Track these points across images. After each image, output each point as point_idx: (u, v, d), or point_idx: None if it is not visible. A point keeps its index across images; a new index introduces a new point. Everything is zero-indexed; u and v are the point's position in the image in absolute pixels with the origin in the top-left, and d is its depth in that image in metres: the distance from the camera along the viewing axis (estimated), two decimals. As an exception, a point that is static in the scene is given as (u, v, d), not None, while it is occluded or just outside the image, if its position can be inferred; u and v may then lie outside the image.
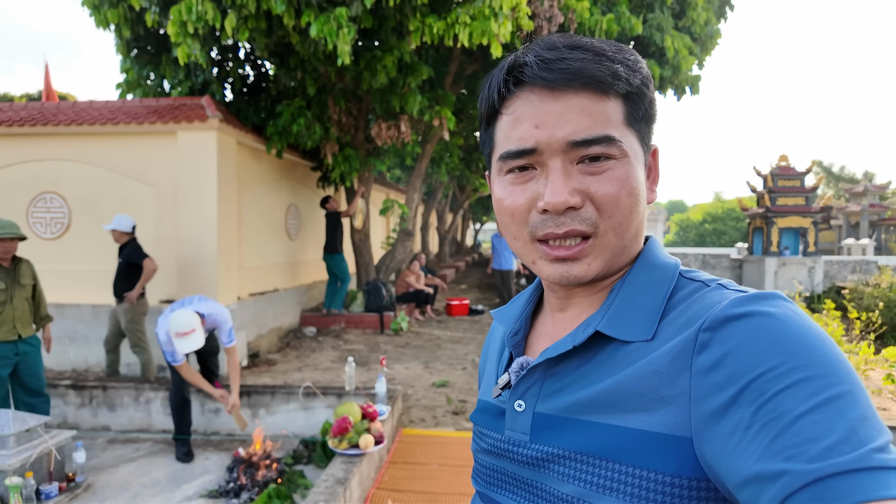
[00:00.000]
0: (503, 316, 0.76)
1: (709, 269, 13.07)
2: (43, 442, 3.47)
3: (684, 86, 7.47)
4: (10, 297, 3.97)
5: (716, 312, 0.53)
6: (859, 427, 0.42)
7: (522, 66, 0.59)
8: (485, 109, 0.64)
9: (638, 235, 0.63)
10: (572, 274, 0.60)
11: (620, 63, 0.59)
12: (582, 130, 0.57)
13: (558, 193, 0.57)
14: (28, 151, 6.12)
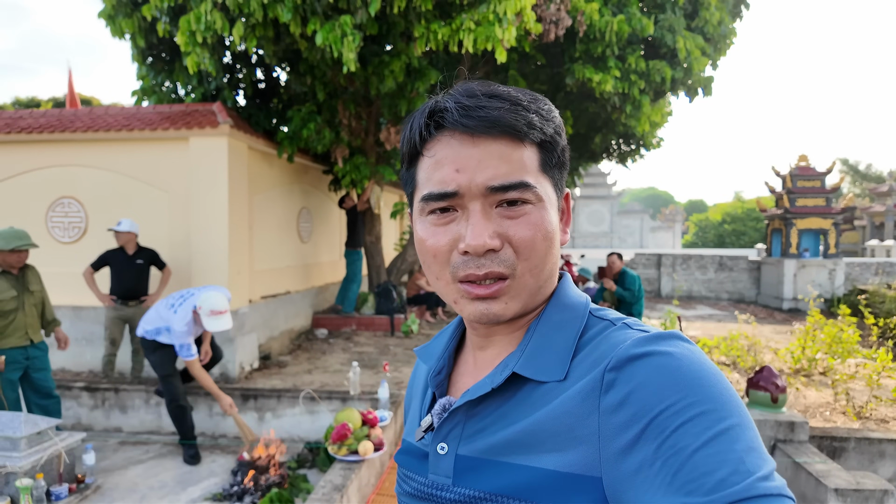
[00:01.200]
0: (426, 354, 0.77)
1: (726, 272, 12.87)
2: (53, 444, 3.57)
3: (697, 87, 7.37)
4: (22, 303, 4.09)
5: (620, 352, 0.56)
6: (746, 458, 0.47)
7: (443, 112, 0.62)
8: (406, 150, 0.66)
9: (552, 276, 0.67)
10: (491, 312, 0.62)
11: (535, 113, 0.63)
12: (500, 176, 0.60)
13: (479, 236, 0.60)
14: (47, 157, 6.28)
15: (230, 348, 5.85)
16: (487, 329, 0.68)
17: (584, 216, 32.28)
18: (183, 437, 4.33)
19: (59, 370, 6.06)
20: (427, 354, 0.77)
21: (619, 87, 7.01)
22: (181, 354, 4.13)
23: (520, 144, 0.62)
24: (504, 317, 0.63)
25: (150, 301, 5.42)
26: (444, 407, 0.67)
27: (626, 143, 11.18)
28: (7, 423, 3.48)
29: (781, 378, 3.03)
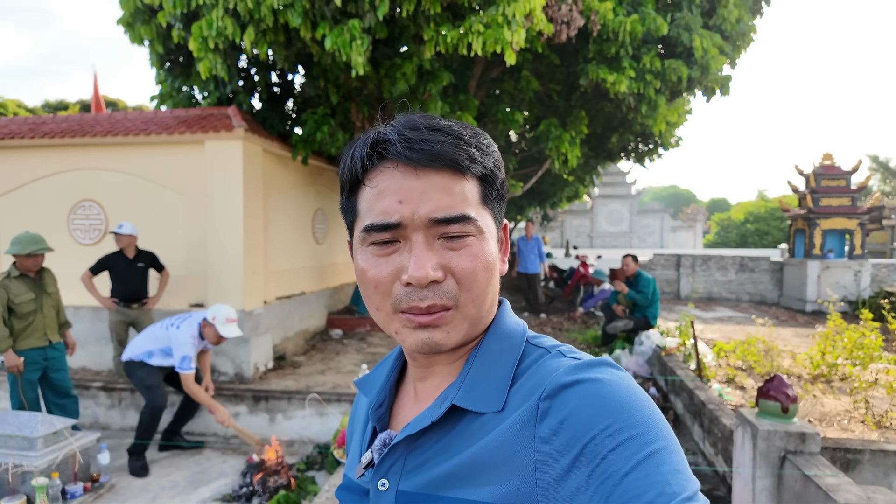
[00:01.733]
0: (367, 386, 0.77)
1: (747, 273, 12.63)
2: (69, 444, 3.66)
3: (714, 87, 7.23)
4: (40, 305, 4.20)
5: (552, 381, 0.58)
6: (672, 479, 0.49)
7: (386, 143, 0.62)
8: (347, 178, 0.66)
9: (493, 305, 0.68)
10: (433, 341, 0.62)
11: (476, 147, 0.64)
12: (443, 208, 0.61)
13: (422, 268, 0.60)
14: (69, 161, 6.43)
15: (245, 348, 5.94)
16: (427, 359, 0.68)
17: (603, 216, 31.93)
18: (140, 437, 4.24)
19: (79, 369, 6.21)
20: (367, 386, 0.77)
21: (634, 88, 6.91)
22: (181, 367, 4.15)
23: (461, 177, 0.62)
24: (446, 346, 0.63)
25: (151, 303, 5.50)
26: (384, 442, 0.67)
27: (644, 142, 11.03)
28: (24, 423, 3.58)
29: (793, 388, 2.96)
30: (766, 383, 3.00)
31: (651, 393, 5.41)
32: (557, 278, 12.26)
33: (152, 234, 6.15)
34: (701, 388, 4.53)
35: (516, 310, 10.46)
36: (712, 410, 3.98)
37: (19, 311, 4.14)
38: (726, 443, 3.63)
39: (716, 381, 5.11)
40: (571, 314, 9.63)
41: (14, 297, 4.11)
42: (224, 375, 5.90)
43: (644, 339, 6.18)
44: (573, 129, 8.86)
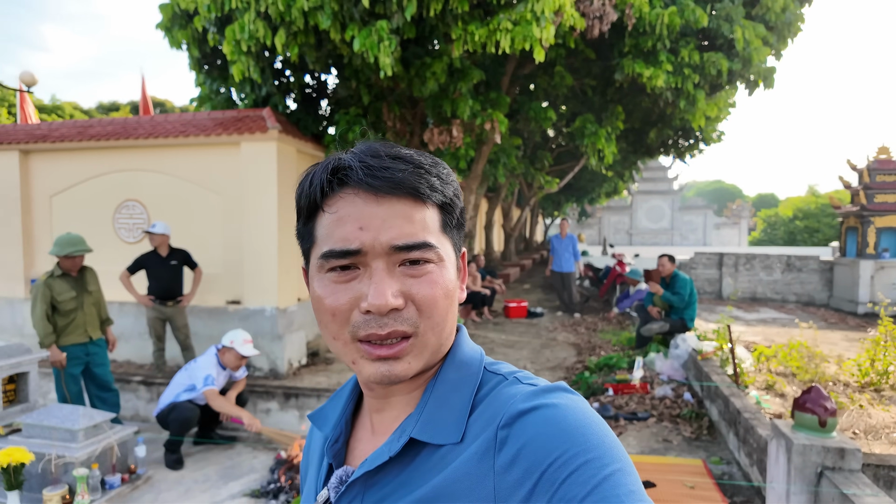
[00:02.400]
0: (321, 420, 0.75)
1: (794, 273, 12.10)
2: (107, 437, 3.81)
3: (757, 80, 6.92)
4: (81, 303, 4.39)
5: (509, 409, 0.59)
6: (627, 501, 0.50)
7: (347, 170, 0.62)
8: (305, 204, 0.65)
9: (452, 333, 0.67)
10: (393, 373, 0.61)
11: (436, 176, 0.64)
12: (404, 236, 0.61)
13: (382, 295, 0.59)
14: (114, 162, 6.69)
15: (279, 345, 6.07)
16: (384, 390, 0.67)
17: (643, 212, 31.11)
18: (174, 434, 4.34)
19: (124, 362, 6.48)
20: (322, 420, 0.75)
21: (672, 82, 6.69)
22: (204, 384, 4.28)
23: (422, 205, 0.63)
24: (406, 377, 0.62)
25: (185, 301, 5.64)
26: (341, 479, 0.66)
27: (684, 137, 10.70)
28: (67, 416, 3.75)
29: (832, 400, 2.80)
30: (802, 394, 2.85)
31: (685, 398, 5.25)
32: (593, 277, 12.04)
33: (191, 232, 6.35)
34: (737, 395, 4.36)
35: (550, 309, 10.33)
36: (748, 419, 3.83)
37: (62, 309, 4.35)
38: (762, 454, 3.48)
39: (754, 387, 4.91)
40: (606, 314, 9.44)
41: (57, 295, 4.32)
42: (259, 371, 6.04)
43: (680, 343, 5.99)
44: (609, 125, 8.67)
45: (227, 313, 6.25)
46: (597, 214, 32.35)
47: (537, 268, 18.63)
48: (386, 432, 0.67)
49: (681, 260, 12.58)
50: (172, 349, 6.11)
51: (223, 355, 4.48)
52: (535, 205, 22.72)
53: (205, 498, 3.80)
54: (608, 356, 6.47)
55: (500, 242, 19.95)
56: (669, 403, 5.21)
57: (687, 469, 4.01)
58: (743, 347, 6.31)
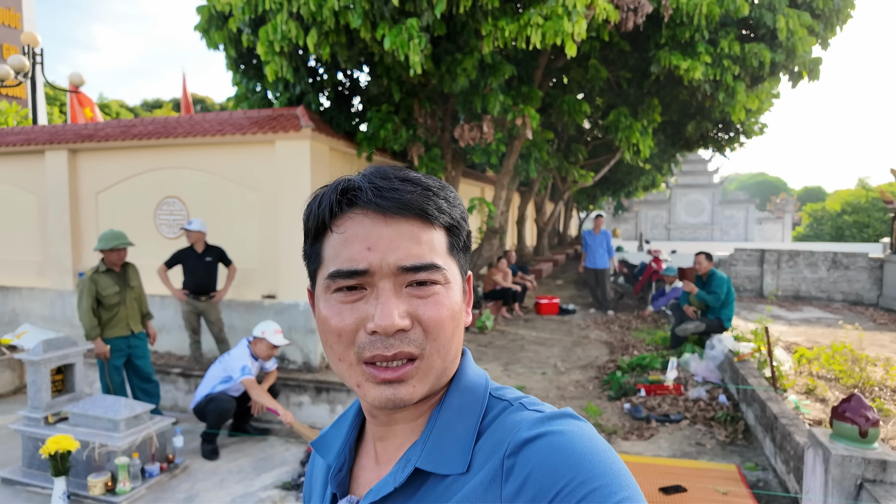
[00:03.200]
0: (324, 448, 0.75)
1: (841, 270, 11.60)
2: (147, 427, 3.97)
3: (801, 71, 6.62)
4: (124, 298, 4.58)
5: (515, 437, 0.58)
6: None
7: (357, 190, 0.62)
8: (313, 224, 0.65)
9: (457, 357, 0.67)
10: (398, 396, 0.61)
11: (444, 199, 0.65)
12: (412, 257, 0.61)
13: (389, 315, 0.59)
14: (155, 160, 6.92)
15: (313, 339, 6.19)
16: (388, 416, 0.66)
17: (682, 206, 30.28)
18: (210, 427, 4.49)
19: (165, 353, 6.72)
20: (325, 448, 0.75)
21: (711, 74, 6.48)
22: (242, 374, 4.40)
23: (430, 227, 0.63)
24: (411, 401, 0.61)
25: (218, 296, 5.80)
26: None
27: (724, 130, 10.36)
28: (109, 407, 3.92)
29: (874, 409, 2.69)
30: (841, 403, 2.74)
31: (720, 401, 5.12)
32: (628, 273, 11.83)
33: (228, 228, 6.52)
34: (774, 399, 4.22)
35: (582, 306, 10.21)
36: (785, 425, 3.71)
37: (106, 303, 4.54)
38: (799, 462, 3.36)
39: (793, 391, 4.75)
40: (641, 312, 9.27)
41: (101, 290, 4.51)
42: (293, 364, 6.18)
43: (716, 343, 5.84)
44: (645, 119, 8.46)
45: (263, 307, 6.40)
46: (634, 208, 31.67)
47: (571, 263, 18.40)
48: (390, 461, 0.67)
49: (720, 256, 12.22)
50: (210, 341, 6.30)
51: (255, 346, 4.59)
52: (570, 198, 22.38)
53: (239, 489, 3.92)
54: (641, 356, 6.36)
55: (532, 237, 19.77)
56: (704, 406, 5.09)
57: (720, 474, 3.92)
58: (783, 349, 6.11)
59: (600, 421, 4.84)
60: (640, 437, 4.62)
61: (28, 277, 7.60)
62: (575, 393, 5.68)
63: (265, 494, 3.84)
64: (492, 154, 8.13)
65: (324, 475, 0.75)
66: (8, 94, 17.71)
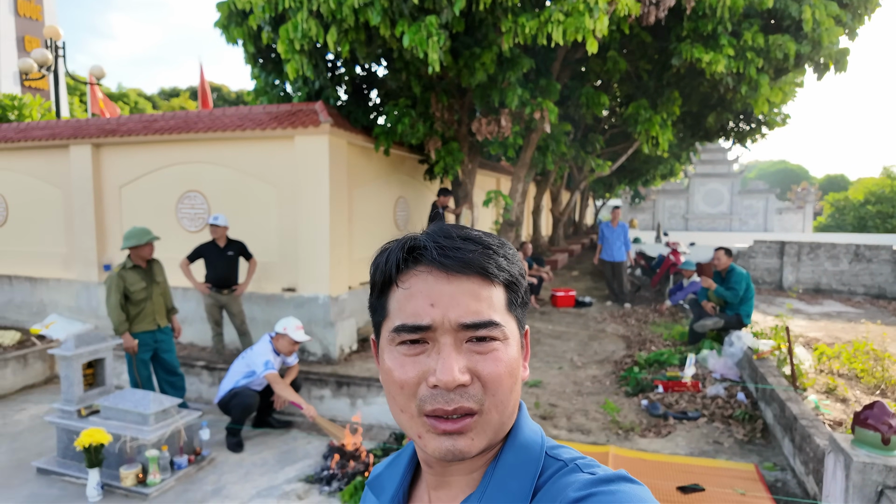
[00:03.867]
0: (378, 489, 0.78)
1: (863, 263, 11.43)
2: (175, 421, 4.09)
3: (827, 62, 6.49)
4: (150, 293, 4.69)
5: (565, 497, 0.60)
6: None
7: (422, 249, 0.66)
8: (379, 279, 0.69)
9: (514, 412, 0.68)
10: (457, 448, 0.63)
11: (503, 257, 0.68)
12: (472, 313, 0.63)
13: (449, 371, 0.61)
14: (177, 155, 7.02)
15: (332, 332, 6.28)
16: (444, 468, 0.68)
17: (700, 196, 29.86)
18: (234, 422, 4.61)
19: (188, 344, 6.87)
20: (379, 488, 0.78)
21: (733, 67, 6.37)
22: (265, 369, 4.50)
23: (489, 284, 0.65)
24: (470, 454, 0.63)
25: (240, 290, 5.89)
26: None
27: (745, 121, 10.19)
28: (139, 401, 4.04)
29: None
30: (864, 410, 2.74)
31: (739, 399, 5.12)
32: (645, 266, 11.75)
33: (248, 222, 6.61)
34: (794, 399, 4.21)
35: (599, 298, 10.19)
36: (804, 427, 3.71)
37: (133, 299, 4.66)
38: (818, 464, 3.37)
39: (813, 390, 4.73)
40: (658, 306, 9.23)
41: (129, 285, 4.63)
42: (313, 356, 6.28)
43: (735, 340, 5.81)
44: (664, 111, 8.37)
45: (283, 300, 6.50)
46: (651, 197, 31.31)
47: (586, 253, 18.31)
48: None
49: (739, 248, 12.09)
50: (231, 333, 6.43)
51: (277, 342, 4.70)
52: (586, 188, 22.20)
53: (264, 481, 4.03)
54: (659, 352, 6.36)
55: (547, 227, 19.69)
56: (722, 403, 5.09)
57: (738, 474, 3.94)
58: (803, 346, 6.06)
59: (618, 418, 4.87)
60: (657, 434, 4.64)
61: (54, 269, 7.79)
62: (592, 388, 5.70)
63: (289, 487, 3.94)
64: (509, 147, 8.11)
65: None
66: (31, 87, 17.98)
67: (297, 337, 4.63)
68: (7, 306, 8.01)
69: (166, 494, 3.83)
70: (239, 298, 5.92)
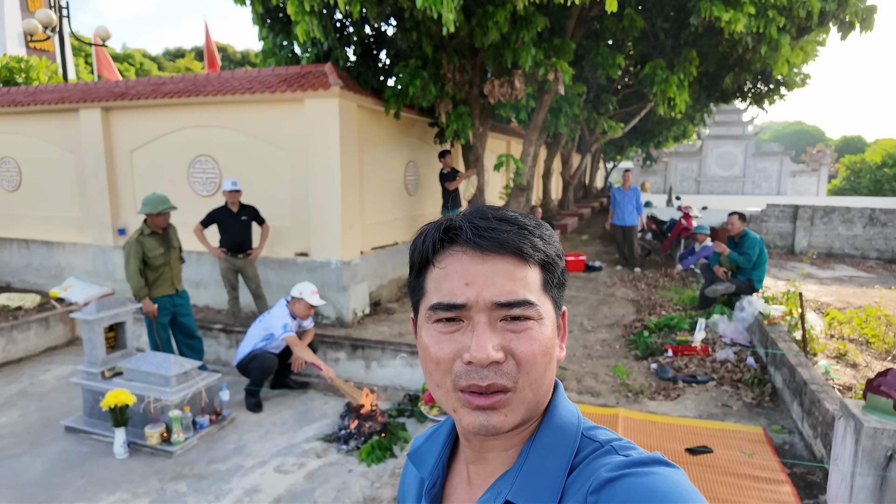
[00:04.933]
0: (419, 460, 0.81)
1: (878, 227, 11.30)
2: (196, 383, 4.20)
3: (853, 21, 6.25)
4: (168, 259, 4.75)
5: (599, 476, 0.60)
6: None
7: (457, 230, 0.67)
8: (418, 259, 0.70)
9: (549, 391, 0.70)
10: (491, 423, 0.64)
11: (539, 237, 0.68)
12: (506, 293, 0.64)
13: (483, 348, 0.63)
14: (186, 119, 6.97)
15: (345, 296, 6.36)
16: (481, 443, 0.70)
17: (714, 158, 29.33)
18: (253, 384, 4.75)
19: (203, 307, 6.99)
20: (420, 461, 0.80)
21: (754, 26, 6.16)
22: (284, 331, 4.60)
23: (525, 264, 0.66)
24: (503, 429, 0.65)
25: (254, 254, 5.94)
26: None
27: (764, 82, 9.92)
28: (161, 364, 4.15)
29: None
30: (877, 377, 2.77)
31: (748, 363, 5.17)
32: (656, 230, 11.69)
33: (260, 187, 6.61)
34: (804, 364, 4.25)
35: (609, 262, 10.19)
36: (814, 391, 3.75)
37: (152, 264, 4.73)
38: (827, 428, 3.43)
39: (823, 355, 4.76)
40: (669, 270, 9.23)
41: (148, 251, 4.69)
42: (327, 319, 6.39)
43: (746, 305, 5.83)
44: (681, 71, 8.15)
45: (296, 265, 6.57)
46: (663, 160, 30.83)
47: (596, 217, 18.21)
48: (482, 485, 0.71)
49: (751, 212, 11.97)
50: (247, 296, 6.53)
51: (293, 306, 4.78)
52: (597, 150, 21.88)
53: (283, 440, 4.17)
54: (669, 316, 6.39)
55: (557, 191, 19.53)
56: (731, 367, 5.15)
57: (746, 436, 4.01)
58: (813, 311, 6.08)
59: (627, 381, 4.95)
60: (666, 397, 4.72)
61: (70, 233, 7.88)
62: (601, 352, 5.78)
63: (308, 446, 4.07)
64: (521, 109, 7.97)
65: (417, 487, 0.81)
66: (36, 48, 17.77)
67: (313, 301, 4.71)
68: (25, 269, 8.15)
69: (190, 452, 3.98)
70: (254, 263, 5.99)
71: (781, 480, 3.44)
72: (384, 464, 3.82)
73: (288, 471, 3.74)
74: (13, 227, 8.26)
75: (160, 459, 3.88)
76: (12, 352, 5.88)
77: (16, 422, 4.47)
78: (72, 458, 3.89)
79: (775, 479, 3.46)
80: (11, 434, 4.25)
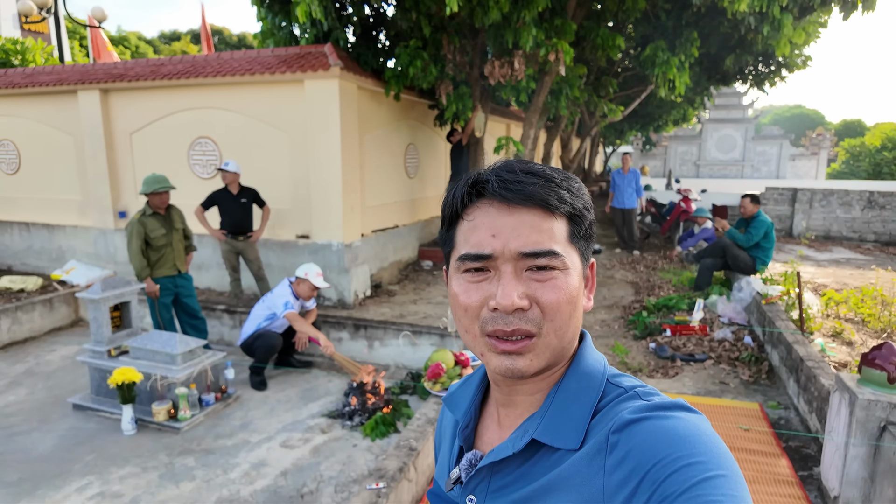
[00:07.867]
0: (454, 404, 0.86)
1: (876, 210, 11.34)
2: (201, 361, 4.26)
3: (855, 1, 6.22)
4: (170, 240, 4.78)
5: (622, 417, 0.63)
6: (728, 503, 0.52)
7: (484, 183, 0.70)
8: (448, 213, 0.74)
9: (574, 338, 0.72)
10: (516, 367, 0.68)
11: (566, 190, 0.70)
12: (531, 244, 0.67)
13: (508, 296, 0.66)
14: (186, 101, 6.95)
15: (346, 278, 6.40)
16: (510, 387, 0.74)
17: (713, 142, 29.24)
18: (258, 361, 4.79)
19: (205, 289, 7.03)
20: (454, 404, 0.86)
21: (756, 6, 6.14)
22: (285, 308, 4.65)
23: (551, 216, 0.68)
24: (528, 372, 0.68)
25: (255, 236, 5.96)
26: (470, 462, 0.76)
27: (765, 63, 9.89)
28: (167, 342, 4.20)
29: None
30: (872, 350, 2.82)
31: (745, 342, 5.24)
32: (655, 213, 11.71)
33: (261, 169, 6.62)
34: (801, 342, 4.32)
35: (608, 245, 10.24)
36: (811, 368, 3.82)
37: (154, 245, 4.76)
38: (822, 402, 3.50)
39: (820, 334, 4.83)
40: (668, 253, 9.28)
41: (150, 232, 4.71)
42: (328, 301, 6.43)
43: (744, 286, 5.89)
44: (682, 53, 8.12)
45: (298, 247, 6.60)
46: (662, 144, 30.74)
47: (596, 200, 18.20)
48: (511, 426, 0.75)
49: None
50: (248, 278, 6.57)
51: (297, 286, 4.83)
52: (597, 134, 21.79)
53: (288, 417, 4.24)
54: (667, 297, 6.45)
55: (557, 174, 19.46)
56: (728, 346, 5.22)
57: (743, 412, 4.09)
58: (810, 292, 6.14)
59: (626, 359, 5.02)
60: (664, 375, 4.79)
61: (71, 216, 7.88)
62: (601, 332, 5.84)
63: (313, 422, 4.14)
64: (521, 91, 7.94)
65: (452, 428, 0.86)
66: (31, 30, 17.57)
67: (317, 283, 4.75)
68: (27, 252, 8.17)
69: (197, 428, 4.04)
70: (255, 245, 6.01)
71: (777, 454, 3.52)
72: (388, 438, 3.89)
73: (294, 445, 3.81)
74: (13, 210, 8.26)
75: (168, 435, 3.95)
76: (17, 332, 5.93)
77: (24, 400, 4.53)
78: (81, 435, 3.96)
79: (771, 452, 3.54)
80: (20, 412, 4.31)
